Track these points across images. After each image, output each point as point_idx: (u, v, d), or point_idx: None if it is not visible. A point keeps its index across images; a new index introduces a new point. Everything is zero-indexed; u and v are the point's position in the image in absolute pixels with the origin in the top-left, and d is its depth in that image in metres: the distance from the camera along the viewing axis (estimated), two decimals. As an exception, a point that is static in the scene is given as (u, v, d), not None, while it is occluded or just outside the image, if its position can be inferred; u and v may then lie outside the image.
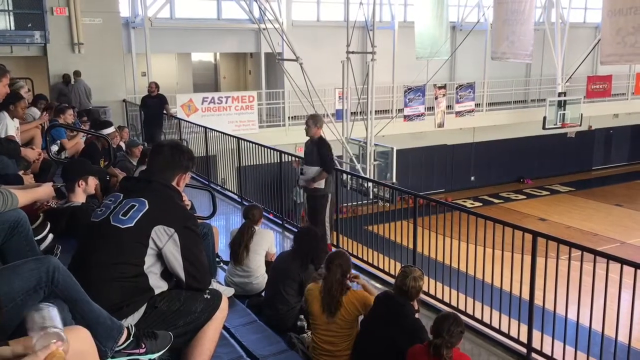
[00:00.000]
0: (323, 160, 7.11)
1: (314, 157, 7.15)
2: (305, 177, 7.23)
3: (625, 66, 21.34)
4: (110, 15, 14.44)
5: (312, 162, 7.16)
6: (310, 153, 7.24)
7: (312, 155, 7.19)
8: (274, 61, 15.93)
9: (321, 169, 7.10)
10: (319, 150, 7.09)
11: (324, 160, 7.12)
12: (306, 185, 7.27)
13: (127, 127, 12.40)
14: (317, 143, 7.16)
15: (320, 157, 7.10)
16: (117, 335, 2.28)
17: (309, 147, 7.27)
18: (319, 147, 7.11)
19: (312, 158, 7.17)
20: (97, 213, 2.69)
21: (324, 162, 7.11)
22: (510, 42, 18.20)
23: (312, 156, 7.19)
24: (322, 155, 7.10)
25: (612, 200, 21.68)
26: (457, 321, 3.58)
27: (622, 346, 4.57)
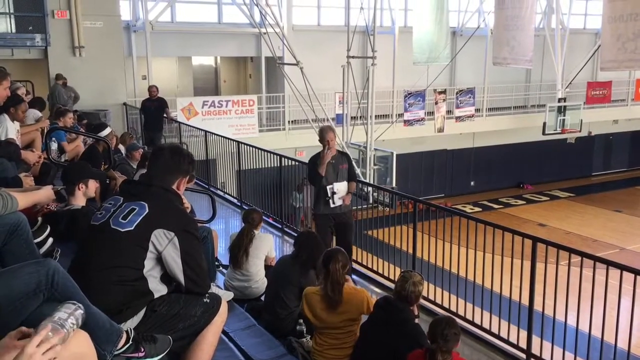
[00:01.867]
0: (354, 172, 6.73)
1: (342, 171, 6.51)
2: (340, 194, 6.44)
3: (625, 72, 21.38)
4: (111, 18, 14.47)
5: (342, 177, 6.50)
6: (335, 167, 6.47)
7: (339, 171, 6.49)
8: (274, 65, 15.95)
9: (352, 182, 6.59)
10: (350, 161, 6.69)
11: (355, 172, 6.72)
12: (343, 203, 6.47)
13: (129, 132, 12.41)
14: (344, 155, 6.77)
15: (351, 168, 6.65)
16: (116, 338, 2.28)
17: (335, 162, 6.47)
18: (349, 158, 6.75)
19: (340, 172, 6.50)
20: (97, 216, 2.69)
21: (354, 174, 6.71)
22: (511, 47, 18.25)
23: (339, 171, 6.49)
24: (354, 166, 6.70)
25: (612, 206, 21.68)
26: (450, 324, 3.55)
27: (622, 352, 4.56)
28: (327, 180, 6.42)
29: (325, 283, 4.13)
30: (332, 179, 6.42)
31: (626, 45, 15.68)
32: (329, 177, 6.42)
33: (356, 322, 4.14)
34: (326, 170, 6.42)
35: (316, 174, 6.43)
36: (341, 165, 6.49)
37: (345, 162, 6.56)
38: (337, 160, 6.49)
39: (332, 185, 6.41)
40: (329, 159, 6.34)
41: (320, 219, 6.62)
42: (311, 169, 6.58)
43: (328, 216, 6.49)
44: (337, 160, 6.50)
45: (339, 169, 6.47)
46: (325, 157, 6.31)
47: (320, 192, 6.48)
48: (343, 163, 6.52)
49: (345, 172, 6.50)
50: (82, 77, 13.59)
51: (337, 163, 6.47)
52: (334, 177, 6.44)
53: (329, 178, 6.42)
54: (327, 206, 6.45)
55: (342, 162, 6.53)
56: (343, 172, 6.48)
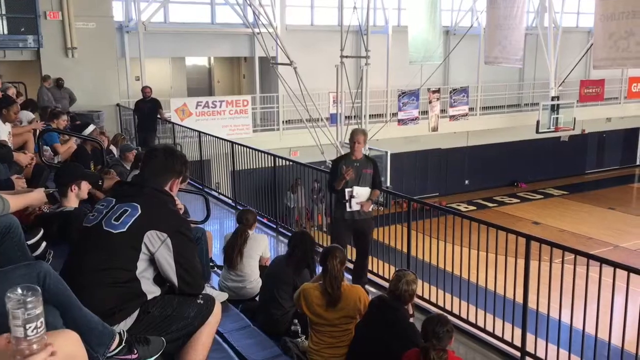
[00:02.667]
0: (379, 178, 6.35)
1: (365, 175, 6.16)
2: (359, 199, 6.10)
3: (618, 70, 21.46)
4: (103, 19, 14.43)
5: (364, 182, 6.16)
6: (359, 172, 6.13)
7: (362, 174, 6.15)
8: (268, 65, 15.93)
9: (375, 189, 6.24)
10: (375, 167, 6.28)
11: (380, 178, 6.36)
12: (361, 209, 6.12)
13: (122, 133, 12.37)
14: (369, 159, 6.37)
15: (376, 174, 6.25)
16: (109, 340, 2.27)
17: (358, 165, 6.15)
18: (375, 163, 6.32)
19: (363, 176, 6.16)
20: (89, 218, 2.68)
21: (379, 181, 6.33)
22: (502, 46, 18.32)
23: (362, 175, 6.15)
24: (379, 172, 6.31)
25: (605, 203, 21.78)
26: (442, 321, 3.55)
27: (616, 349, 4.58)
28: (348, 182, 6.08)
29: (324, 279, 4.14)
30: (353, 182, 6.08)
31: (618, 43, 15.75)
32: (350, 181, 6.08)
33: (353, 320, 4.14)
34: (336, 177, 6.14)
35: (332, 181, 6.19)
36: (365, 169, 6.13)
37: (370, 167, 6.18)
38: (361, 164, 6.15)
39: (352, 189, 6.07)
40: (348, 178, 5.97)
41: (336, 223, 6.34)
42: (331, 172, 6.29)
43: (346, 221, 6.15)
44: (362, 164, 6.16)
45: (361, 173, 6.11)
46: (346, 175, 5.93)
47: (339, 194, 6.19)
48: (367, 168, 6.16)
49: (368, 178, 6.14)
50: (75, 79, 13.55)
51: (360, 166, 6.13)
52: (356, 181, 6.10)
53: (349, 182, 6.08)
54: (344, 210, 6.14)
55: (367, 166, 6.17)
56: (366, 177, 6.13)
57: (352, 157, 6.15)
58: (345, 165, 6.06)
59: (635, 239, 17.45)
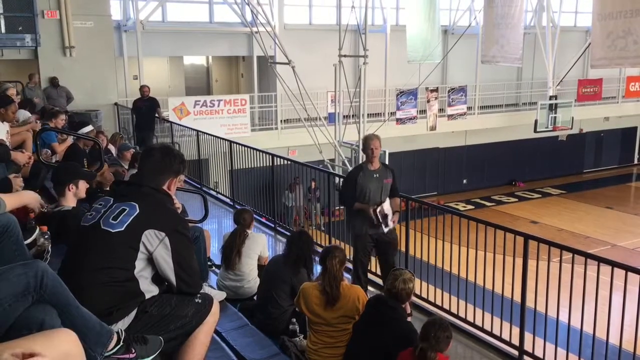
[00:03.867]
0: (397, 186, 5.87)
1: (387, 185, 5.73)
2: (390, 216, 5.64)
3: (616, 69, 21.48)
4: (101, 18, 14.40)
5: (386, 193, 5.73)
6: (379, 183, 5.69)
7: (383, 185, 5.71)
8: (266, 64, 15.92)
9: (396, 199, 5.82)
10: (394, 176, 5.81)
11: (398, 186, 5.90)
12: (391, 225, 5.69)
13: (120, 132, 12.37)
14: (388, 168, 5.88)
15: (394, 183, 5.80)
16: (107, 340, 2.26)
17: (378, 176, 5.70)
18: (393, 172, 5.84)
19: (385, 187, 5.72)
20: (87, 217, 2.68)
21: (398, 189, 5.89)
22: (500, 45, 18.31)
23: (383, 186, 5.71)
24: (396, 181, 5.84)
25: (603, 202, 21.81)
26: (444, 326, 3.56)
27: (614, 348, 4.58)
28: (370, 197, 5.60)
29: (322, 279, 4.14)
30: (376, 195, 5.61)
31: (616, 42, 15.76)
32: (372, 193, 5.61)
33: (351, 320, 4.14)
34: (368, 187, 5.63)
35: (347, 196, 5.75)
36: (386, 179, 5.69)
37: (390, 176, 5.74)
38: (381, 174, 5.68)
39: (382, 207, 5.52)
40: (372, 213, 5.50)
41: (359, 239, 5.81)
42: (344, 186, 5.89)
43: (371, 236, 5.74)
44: (381, 174, 5.69)
45: (383, 184, 5.66)
46: (370, 213, 5.50)
47: (360, 212, 5.68)
48: (387, 177, 5.71)
49: (388, 187, 5.72)
50: (73, 78, 13.52)
51: (381, 177, 5.67)
52: (378, 193, 5.62)
53: (371, 195, 5.61)
54: (367, 226, 5.66)
55: (387, 175, 5.72)
56: (387, 187, 5.69)
57: (369, 168, 5.69)
58: (365, 178, 5.62)
59: (633, 238, 17.48)
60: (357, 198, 5.66)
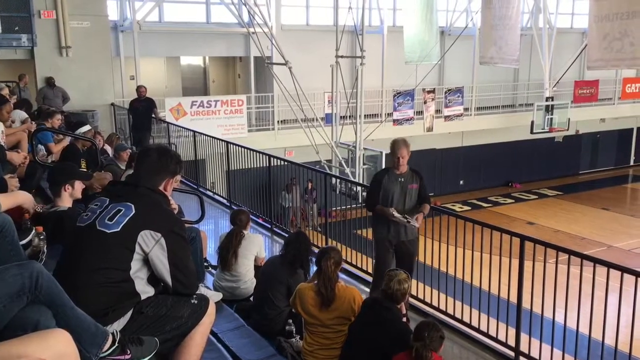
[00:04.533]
0: (426, 193, 5.73)
1: (411, 191, 5.62)
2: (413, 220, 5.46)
3: (612, 71, 21.52)
4: (98, 18, 14.38)
5: (410, 199, 5.62)
6: (404, 188, 5.59)
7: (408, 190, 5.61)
8: (263, 65, 15.93)
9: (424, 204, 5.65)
10: (422, 181, 5.69)
11: (427, 193, 5.76)
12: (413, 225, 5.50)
13: (116, 132, 12.35)
14: (416, 173, 5.70)
15: (422, 189, 5.69)
16: (102, 341, 2.26)
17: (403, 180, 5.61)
18: (421, 177, 5.71)
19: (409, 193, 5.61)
20: (83, 218, 2.67)
21: (427, 195, 5.73)
22: (498, 47, 18.36)
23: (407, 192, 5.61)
24: (426, 186, 5.72)
25: (599, 203, 21.86)
26: (436, 327, 3.63)
27: (609, 349, 4.59)
28: (393, 201, 5.51)
29: (318, 280, 4.14)
30: (399, 200, 5.54)
31: (612, 44, 15.81)
32: (396, 198, 5.53)
33: (347, 321, 4.14)
34: (392, 191, 5.54)
35: (370, 199, 5.68)
36: (410, 184, 5.58)
37: (416, 181, 5.62)
38: (407, 179, 5.60)
39: (405, 218, 5.40)
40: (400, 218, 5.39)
41: (379, 244, 5.73)
42: (369, 189, 5.80)
43: (390, 242, 5.64)
44: (407, 178, 5.60)
45: (407, 189, 5.57)
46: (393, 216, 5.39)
47: (382, 217, 5.59)
48: (413, 182, 5.60)
49: (414, 193, 5.61)
50: (70, 78, 13.50)
51: (405, 182, 5.59)
52: (402, 198, 5.55)
53: (394, 199, 5.53)
54: (389, 231, 5.58)
55: (412, 181, 5.61)
56: (412, 193, 5.59)
57: (395, 171, 5.60)
58: (389, 181, 5.55)
59: (629, 239, 17.52)
60: (382, 201, 5.57)
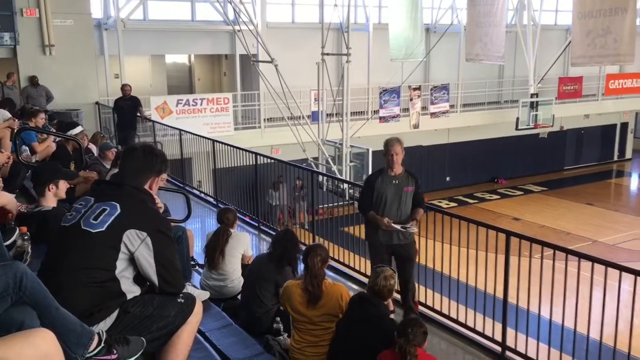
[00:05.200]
0: (422, 196, 5.46)
1: (406, 194, 5.35)
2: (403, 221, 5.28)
3: (596, 67, 21.73)
4: (81, 16, 14.24)
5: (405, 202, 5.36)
6: (398, 191, 5.33)
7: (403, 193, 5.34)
8: (249, 63, 15.87)
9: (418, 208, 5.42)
10: (417, 184, 5.41)
11: (422, 197, 5.49)
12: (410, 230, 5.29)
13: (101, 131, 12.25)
14: (411, 175, 5.43)
15: (417, 193, 5.41)
16: (88, 341, 2.24)
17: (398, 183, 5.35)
18: (417, 180, 5.42)
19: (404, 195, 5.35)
20: (68, 217, 2.65)
21: (422, 198, 5.46)
22: (483, 44, 18.46)
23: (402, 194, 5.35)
24: (421, 190, 5.47)
25: (584, 199, 22.08)
26: (419, 323, 3.66)
27: (595, 343, 4.64)
28: (386, 204, 5.28)
29: (304, 277, 4.14)
30: (393, 204, 5.30)
31: (596, 41, 15.98)
32: (389, 201, 5.29)
33: (335, 318, 4.14)
34: (386, 193, 5.30)
35: (363, 202, 5.45)
36: (406, 187, 5.33)
37: (411, 183, 5.36)
38: (401, 181, 5.33)
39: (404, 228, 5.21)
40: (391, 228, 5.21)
41: (373, 247, 5.52)
42: (361, 191, 5.58)
43: (383, 245, 5.40)
44: (401, 181, 5.34)
45: (402, 192, 5.32)
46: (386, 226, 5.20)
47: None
48: (408, 185, 5.35)
49: (409, 196, 5.34)
50: (53, 76, 13.36)
51: (400, 184, 5.32)
52: (395, 201, 5.30)
53: (388, 202, 5.29)
54: (380, 234, 5.36)
55: (408, 183, 5.35)
56: (407, 196, 5.33)
57: (389, 173, 5.35)
58: (383, 183, 5.32)
59: (613, 234, 17.72)
60: (374, 205, 5.34)
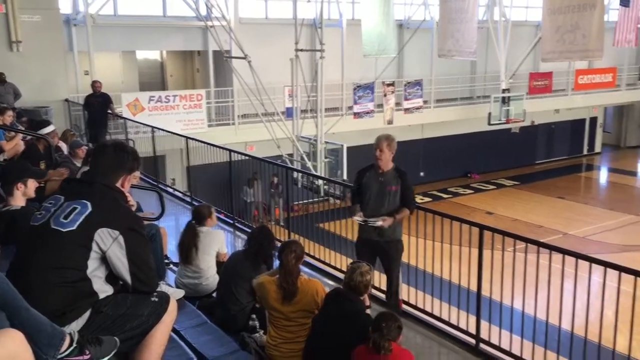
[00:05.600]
0: (410, 196, 5.26)
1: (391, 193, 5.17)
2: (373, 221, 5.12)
3: (565, 63, 22.08)
4: (49, 12, 13.96)
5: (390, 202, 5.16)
6: (383, 188, 5.18)
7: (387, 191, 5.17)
8: (222, 59, 15.76)
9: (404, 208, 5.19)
10: (403, 183, 5.19)
11: (411, 196, 5.29)
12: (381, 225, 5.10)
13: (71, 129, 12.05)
14: (398, 174, 5.22)
15: (404, 192, 5.19)
16: (59, 342, 2.21)
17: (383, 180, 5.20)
18: (403, 179, 5.20)
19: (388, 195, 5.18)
20: (37, 217, 2.60)
21: (410, 199, 5.27)
22: (455, 39, 18.62)
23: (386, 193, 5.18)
24: (409, 189, 5.25)
25: (555, 192, 22.47)
26: (394, 317, 3.66)
27: (566, 333, 4.72)
28: (371, 200, 5.17)
29: (279, 274, 4.13)
30: (377, 201, 5.15)
31: (565, 36, 16.24)
32: (373, 197, 5.17)
33: (310, 314, 4.14)
34: (371, 189, 5.19)
35: (352, 195, 5.42)
36: (390, 186, 5.14)
37: (396, 183, 5.15)
38: (387, 179, 5.16)
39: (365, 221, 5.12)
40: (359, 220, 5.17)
41: (357, 242, 5.48)
42: (353, 184, 5.48)
43: (364, 241, 5.33)
44: (387, 178, 5.16)
45: (385, 191, 5.13)
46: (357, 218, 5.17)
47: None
48: (393, 184, 5.14)
49: (394, 195, 5.14)
50: (21, 73, 13.05)
51: (385, 182, 5.15)
52: (379, 199, 5.14)
53: (372, 198, 5.17)
54: (362, 229, 5.27)
55: (393, 182, 5.15)
56: (392, 196, 5.13)
57: (378, 169, 5.20)
58: (370, 178, 5.22)
59: (583, 227, 18.07)
60: (362, 200, 5.27)
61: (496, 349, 5.07)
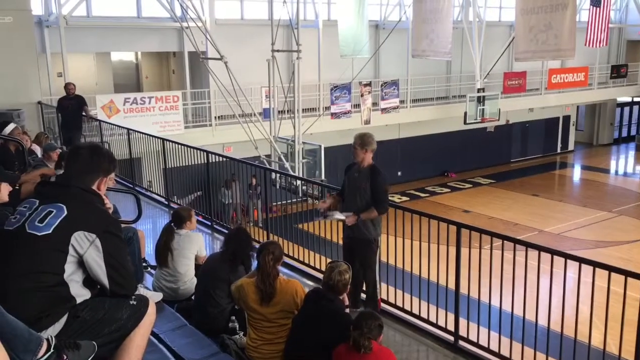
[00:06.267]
0: (378, 196, 5.22)
1: (362, 191, 5.23)
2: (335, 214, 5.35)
3: (538, 62, 22.41)
4: (21, 13, 13.70)
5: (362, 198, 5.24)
6: (355, 184, 5.28)
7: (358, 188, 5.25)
8: (198, 60, 15.65)
9: (372, 207, 5.21)
10: (372, 182, 5.19)
11: (379, 196, 5.23)
12: (343, 221, 5.28)
13: (45, 131, 11.87)
14: (370, 172, 5.25)
15: (373, 191, 5.20)
16: (36, 347, 2.18)
17: (357, 176, 5.29)
18: (373, 178, 5.21)
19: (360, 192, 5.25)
20: (11, 221, 2.56)
21: (379, 199, 5.23)
22: (430, 40, 18.78)
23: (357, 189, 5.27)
24: (377, 189, 5.21)
25: (530, 190, 22.78)
26: (374, 316, 3.70)
27: (543, 329, 4.79)
28: (347, 196, 5.36)
29: (257, 275, 4.12)
30: (350, 196, 5.31)
31: (538, 36, 16.49)
32: (348, 192, 5.35)
33: (290, 315, 4.14)
34: (347, 184, 5.35)
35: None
36: (361, 183, 5.23)
37: (366, 181, 5.22)
38: (360, 176, 5.24)
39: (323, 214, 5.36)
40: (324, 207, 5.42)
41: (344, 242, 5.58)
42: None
43: (344, 239, 5.47)
44: (360, 175, 5.25)
45: (358, 187, 5.24)
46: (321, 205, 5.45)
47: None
48: (364, 181, 5.22)
49: (364, 193, 5.21)
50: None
51: (359, 178, 5.24)
52: (351, 196, 5.29)
53: (347, 193, 5.37)
54: (344, 229, 5.39)
55: (364, 180, 5.22)
56: (362, 192, 5.22)
57: (358, 166, 5.32)
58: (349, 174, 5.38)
59: (558, 223, 18.36)
60: (343, 194, 5.51)
61: (475, 346, 5.12)
